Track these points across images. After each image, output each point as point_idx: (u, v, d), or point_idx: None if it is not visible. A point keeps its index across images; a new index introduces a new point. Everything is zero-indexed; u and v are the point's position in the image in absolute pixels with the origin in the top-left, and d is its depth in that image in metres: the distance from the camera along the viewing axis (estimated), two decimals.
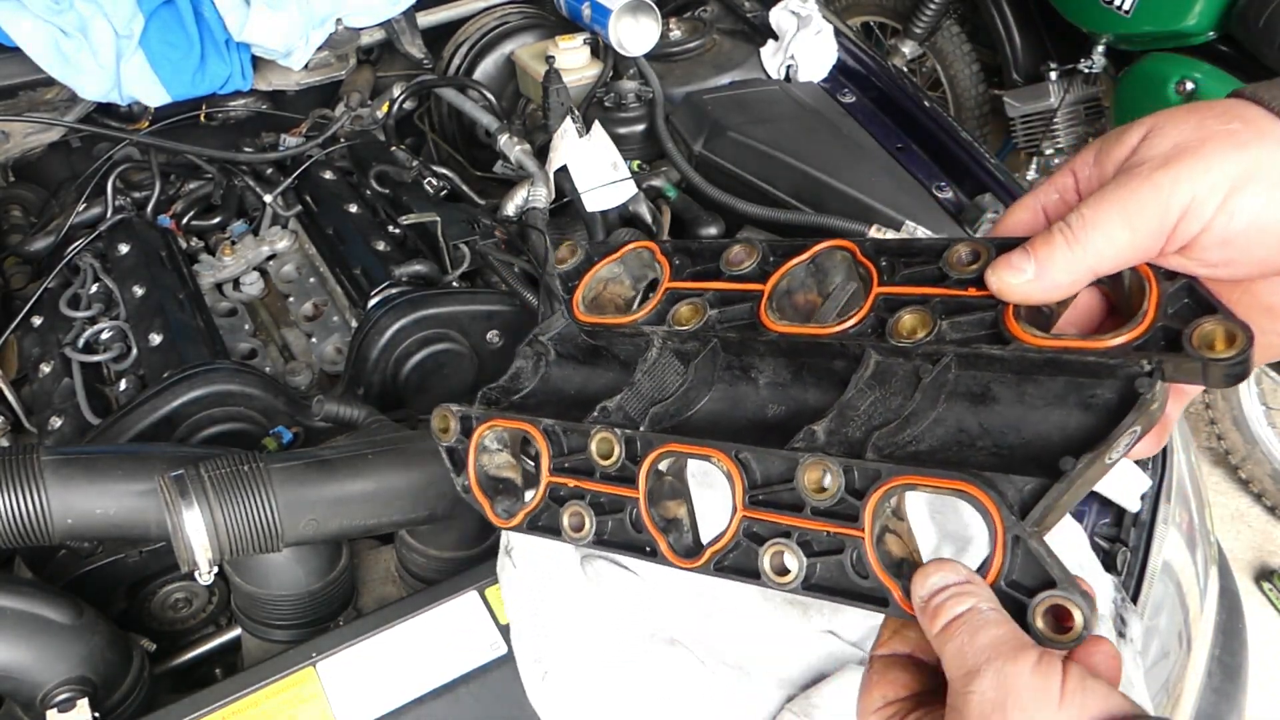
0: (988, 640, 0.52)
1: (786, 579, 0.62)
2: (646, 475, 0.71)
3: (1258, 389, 2.85)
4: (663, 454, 0.70)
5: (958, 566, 0.57)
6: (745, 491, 0.66)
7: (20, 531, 0.90)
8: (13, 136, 1.74)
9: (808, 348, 0.71)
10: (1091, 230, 0.57)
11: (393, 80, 1.96)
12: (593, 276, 0.86)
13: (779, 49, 1.81)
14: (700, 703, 0.86)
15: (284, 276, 1.65)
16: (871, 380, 0.67)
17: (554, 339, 0.87)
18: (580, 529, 0.74)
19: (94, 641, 0.95)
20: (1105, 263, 0.58)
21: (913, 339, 0.65)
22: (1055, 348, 0.60)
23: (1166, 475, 1.23)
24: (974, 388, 0.65)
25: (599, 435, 0.73)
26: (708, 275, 0.79)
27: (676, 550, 0.70)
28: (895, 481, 0.59)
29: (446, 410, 0.84)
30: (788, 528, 0.63)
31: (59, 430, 1.29)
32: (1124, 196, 0.57)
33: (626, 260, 0.85)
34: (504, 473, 0.83)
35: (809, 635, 0.92)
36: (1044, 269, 0.59)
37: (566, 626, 0.88)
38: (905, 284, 0.68)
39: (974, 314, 0.64)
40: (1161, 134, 0.58)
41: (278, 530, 0.90)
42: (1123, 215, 0.56)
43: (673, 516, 0.72)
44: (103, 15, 1.61)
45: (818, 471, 0.62)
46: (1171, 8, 2.81)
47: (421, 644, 0.94)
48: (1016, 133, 3.53)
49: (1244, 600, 1.53)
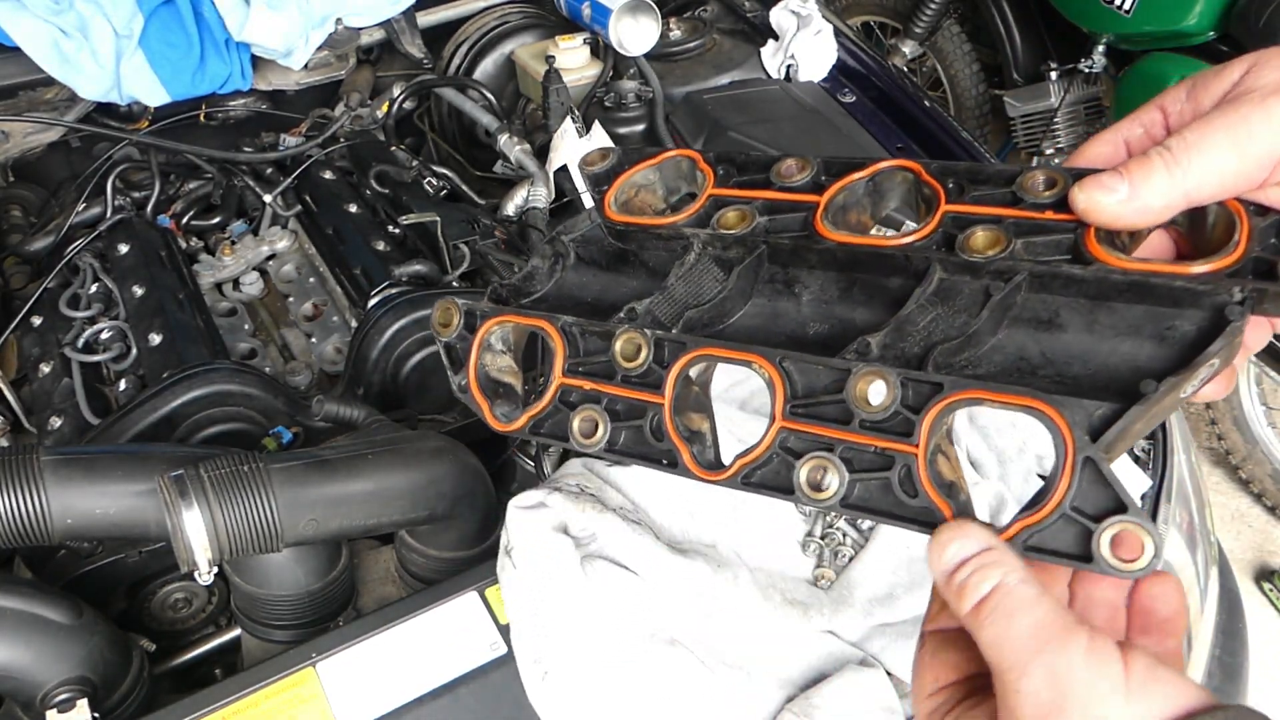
0: (1027, 627, 0.48)
1: (823, 495, 0.58)
2: (675, 379, 0.65)
3: (1258, 389, 2.85)
4: (697, 357, 0.65)
5: (977, 531, 0.52)
6: (786, 401, 0.61)
7: (20, 531, 0.90)
8: (13, 136, 1.74)
9: (866, 260, 0.67)
10: (1195, 153, 0.55)
11: (393, 80, 1.96)
12: (625, 180, 0.79)
13: (779, 49, 1.81)
14: (700, 703, 0.86)
15: (284, 276, 1.65)
16: (934, 296, 0.63)
17: (577, 240, 0.80)
18: (591, 435, 0.68)
19: (94, 641, 0.95)
20: (1205, 188, 0.55)
21: (985, 255, 0.61)
22: (1143, 270, 0.56)
23: (1167, 475, 1.23)
24: (1041, 313, 0.61)
25: (625, 335, 0.67)
26: (756, 185, 0.74)
27: (700, 462, 0.65)
28: (959, 395, 0.55)
29: (450, 302, 0.77)
30: (831, 440, 0.59)
31: (59, 430, 1.29)
32: (1234, 121, 0.54)
33: (663, 168, 0.80)
34: (505, 377, 0.77)
35: (809, 635, 0.92)
36: (1137, 189, 0.56)
37: (566, 626, 0.88)
38: (975, 204, 0.65)
39: (1051, 235, 0.60)
40: (1268, 67, 0.56)
41: (278, 530, 0.90)
42: (1231, 138, 0.54)
43: (696, 429, 0.67)
44: (102, 15, 1.61)
45: (873, 382, 0.57)
46: (1171, 8, 2.81)
47: (421, 644, 0.94)
48: (1016, 133, 3.53)
49: (1244, 600, 1.53)
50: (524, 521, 0.93)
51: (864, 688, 0.88)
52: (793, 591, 0.94)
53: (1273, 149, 0.54)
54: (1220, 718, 0.45)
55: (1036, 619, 0.48)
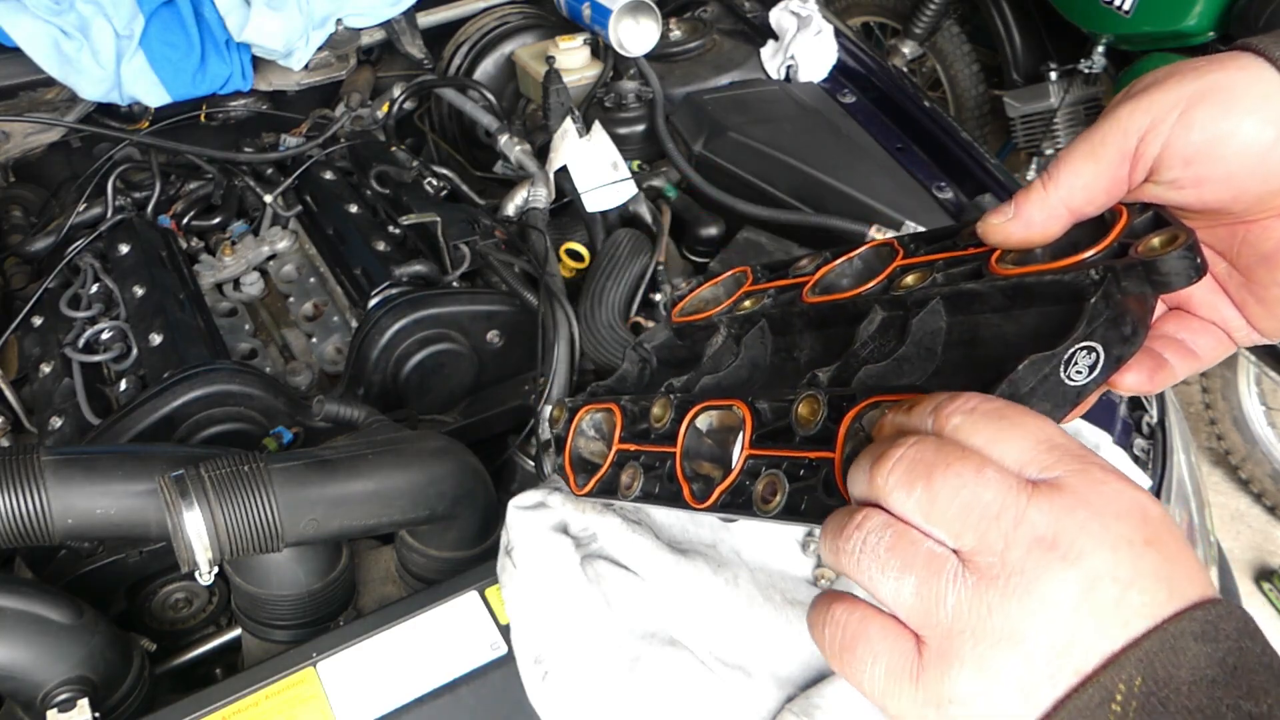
0: None
1: (770, 505, 0.65)
2: (685, 430, 0.77)
3: (1258, 389, 2.85)
4: (700, 410, 0.77)
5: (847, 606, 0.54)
6: (753, 432, 0.70)
7: (20, 531, 0.90)
8: (13, 136, 1.74)
9: (832, 314, 0.78)
10: (1062, 167, 0.60)
11: (393, 80, 1.96)
12: (694, 296, 0.97)
13: (779, 49, 1.81)
14: (700, 703, 0.86)
15: (284, 276, 1.65)
16: (875, 333, 0.73)
17: (656, 346, 0.98)
18: (630, 486, 0.81)
19: (94, 641, 0.95)
20: (1076, 195, 0.60)
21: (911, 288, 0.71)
22: (1018, 274, 0.63)
23: (1166, 475, 1.23)
24: (965, 334, 0.68)
25: (658, 402, 0.82)
26: (778, 279, 0.89)
27: (695, 496, 0.74)
28: (866, 402, 0.62)
29: (560, 403, 0.94)
30: (779, 459, 0.67)
31: (59, 430, 1.29)
32: (1090, 133, 0.59)
33: (724, 282, 0.96)
34: (595, 459, 0.90)
35: (809, 635, 0.92)
36: (1020, 209, 0.61)
37: (566, 626, 0.88)
38: (921, 255, 0.75)
39: (966, 265, 0.69)
40: (1137, 82, 0.60)
41: (278, 530, 0.90)
42: (1087, 147, 0.59)
43: (705, 474, 0.77)
44: (103, 15, 1.62)
45: (808, 404, 0.66)
46: (1171, 8, 2.81)
47: (421, 644, 0.94)
48: (1016, 133, 3.53)
49: (1244, 600, 1.53)
50: (524, 521, 0.94)
51: None
52: (793, 591, 0.94)
53: (1123, 148, 0.58)
54: None
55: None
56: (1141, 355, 0.61)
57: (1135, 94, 0.59)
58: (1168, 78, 0.58)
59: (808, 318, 0.81)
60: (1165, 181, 0.58)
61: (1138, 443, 1.26)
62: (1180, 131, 0.56)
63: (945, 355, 0.69)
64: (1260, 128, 0.55)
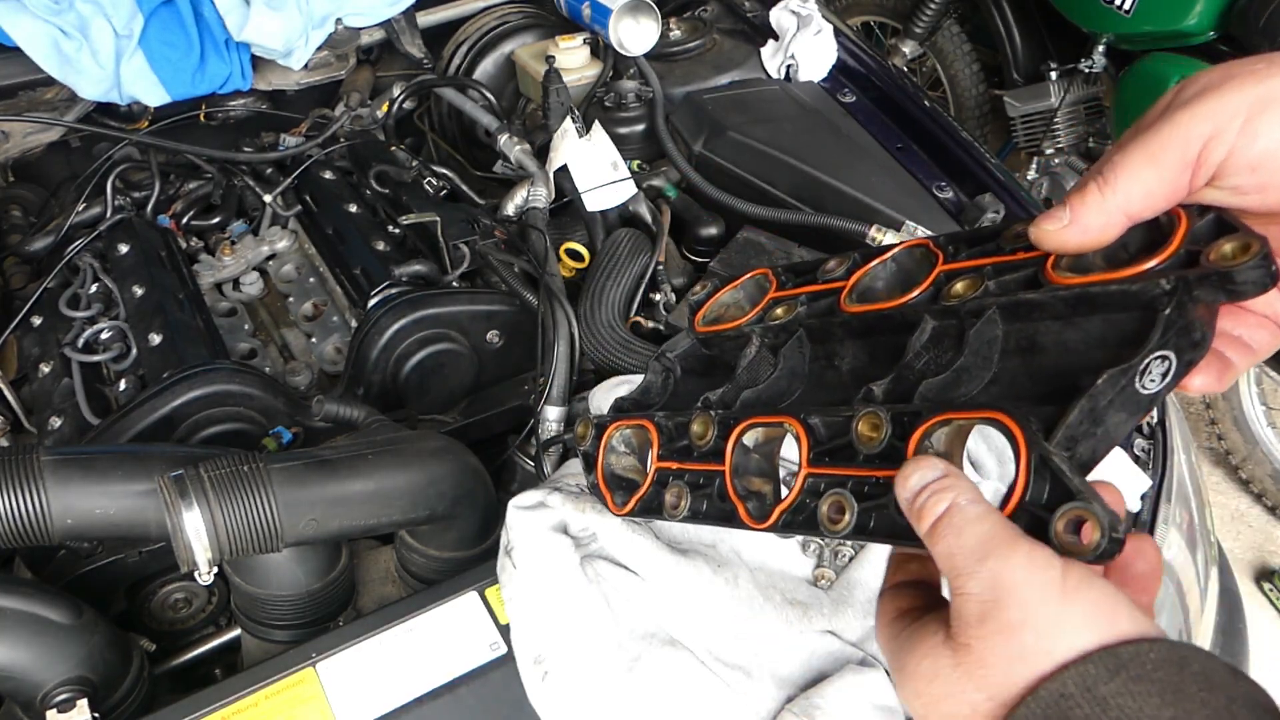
0: (974, 537, 0.53)
1: (839, 525, 0.65)
2: (733, 448, 0.76)
3: (1258, 389, 2.85)
4: (747, 426, 0.76)
5: (935, 463, 0.58)
6: (810, 450, 0.70)
7: (20, 531, 0.90)
8: (12, 136, 1.74)
9: (876, 324, 0.77)
10: (1120, 172, 0.59)
11: (393, 80, 1.96)
12: (714, 301, 0.95)
13: (779, 49, 1.81)
14: (700, 703, 0.86)
15: (284, 276, 1.65)
16: (928, 343, 0.71)
17: (679, 355, 0.96)
18: (677, 506, 0.80)
19: (94, 641, 0.95)
20: (1135, 201, 0.60)
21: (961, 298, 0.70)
22: (1081, 283, 0.62)
23: (1167, 475, 1.23)
24: (1021, 342, 0.67)
25: (698, 419, 0.80)
26: (805, 283, 0.87)
27: (753, 515, 0.73)
28: (933, 420, 0.62)
29: (585, 420, 0.93)
30: (844, 478, 0.66)
31: (59, 430, 1.29)
32: (1148, 138, 0.59)
33: (745, 286, 0.94)
34: (629, 474, 0.89)
35: (809, 635, 0.92)
36: (1077, 214, 0.61)
37: (566, 626, 0.88)
38: (966, 260, 0.73)
39: (1019, 272, 0.68)
40: (1189, 85, 0.60)
41: (278, 530, 0.90)
42: (1146, 153, 0.59)
43: (757, 490, 0.76)
44: (102, 15, 1.61)
45: (869, 421, 0.65)
46: (1172, 8, 2.81)
47: (421, 644, 0.94)
48: (1017, 133, 3.52)
49: (1244, 600, 1.53)
50: (524, 521, 0.93)
51: (864, 688, 0.88)
52: (793, 591, 0.94)
53: (1185, 155, 0.58)
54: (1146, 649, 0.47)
55: (983, 531, 0.53)
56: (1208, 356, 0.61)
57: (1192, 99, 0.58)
58: (1225, 82, 0.58)
59: (849, 327, 0.79)
60: (1228, 187, 0.59)
61: (1138, 443, 1.26)
62: (1245, 140, 0.57)
63: (1002, 363, 0.68)
64: None
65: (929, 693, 0.54)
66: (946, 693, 0.52)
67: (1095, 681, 0.47)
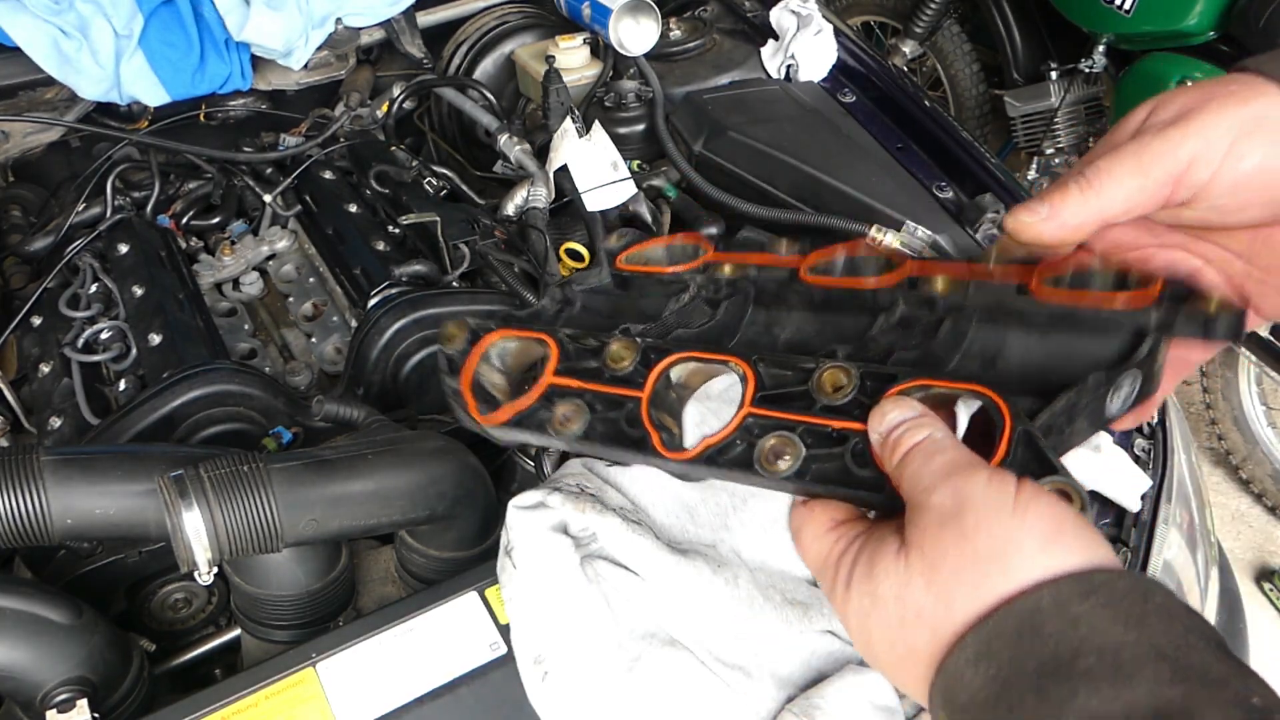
0: (942, 462, 0.56)
1: (776, 466, 0.63)
2: (657, 377, 0.73)
3: (1258, 389, 2.85)
4: (679, 359, 0.73)
5: (914, 404, 0.60)
6: (756, 393, 0.68)
7: (20, 531, 0.90)
8: (12, 136, 1.74)
9: (839, 300, 0.76)
10: (1105, 177, 0.62)
11: (393, 80, 1.95)
12: (638, 250, 0.90)
13: (779, 49, 1.80)
14: (700, 703, 0.86)
15: (284, 276, 1.65)
16: (896, 325, 0.72)
17: (584, 290, 0.90)
18: (568, 421, 0.74)
19: (94, 642, 0.95)
20: (1115, 205, 0.62)
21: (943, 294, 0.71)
22: (1073, 303, 0.65)
23: (1167, 475, 1.23)
24: (988, 347, 0.68)
25: (618, 343, 0.76)
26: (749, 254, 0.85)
27: (668, 445, 0.70)
28: (910, 383, 0.62)
29: (460, 321, 0.84)
30: (792, 423, 0.65)
31: (58, 430, 1.29)
32: (1138, 149, 0.62)
33: (672, 247, 0.90)
34: (496, 392, 0.82)
35: (809, 635, 0.92)
36: (1056, 210, 0.63)
37: (566, 626, 0.88)
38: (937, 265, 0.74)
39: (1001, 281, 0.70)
40: (1167, 104, 0.63)
41: (278, 530, 0.90)
42: (1136, 163, 0.61)
43: (668, 426, 0.73)
44: (102, 15, 1.61)
45: (836, 373, 0.65)
46: (1172, 8, 2.81)
47: (421, 644, 0.94)
48: (1017, 133, 3.53)
49: (1244, 600, 1.53)
50: (524, 521, 0.93)
51: (864, 688, 0.88)
52: (793, 591, 0.94)
53: (1171, 170, 0.61)
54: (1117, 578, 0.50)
55: (950, 457, 0.56)
56: None
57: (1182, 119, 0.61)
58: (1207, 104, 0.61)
59: (807, 298, 0.79)
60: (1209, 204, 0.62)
61: (1138, 443, 1.26)
62: (1231, 162, 0.60)
63: (961, 364, 0.68)
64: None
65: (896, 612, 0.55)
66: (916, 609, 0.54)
67: (1068, 601, 0.49)
